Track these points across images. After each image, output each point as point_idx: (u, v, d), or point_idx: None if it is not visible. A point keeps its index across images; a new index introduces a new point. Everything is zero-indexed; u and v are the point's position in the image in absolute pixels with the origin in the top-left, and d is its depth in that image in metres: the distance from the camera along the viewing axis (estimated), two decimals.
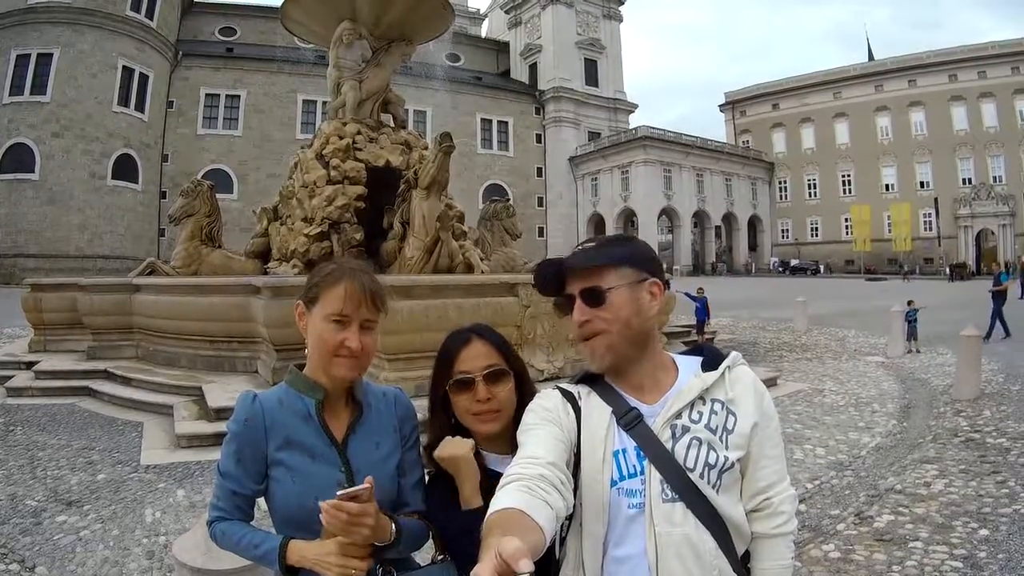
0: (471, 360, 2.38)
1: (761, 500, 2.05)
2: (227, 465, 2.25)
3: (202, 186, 16.86)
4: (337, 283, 2.28)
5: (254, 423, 2.25)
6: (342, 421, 2.38)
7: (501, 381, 2.38)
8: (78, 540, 5.99)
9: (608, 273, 2.09)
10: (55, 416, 10.73)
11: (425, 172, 14.54)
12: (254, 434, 2.25)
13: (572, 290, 2.11)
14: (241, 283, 12.81)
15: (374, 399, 2.48)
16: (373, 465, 2.31)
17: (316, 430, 2.30)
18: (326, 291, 2.28)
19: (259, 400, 2.30)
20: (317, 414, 2.31)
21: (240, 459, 2.25)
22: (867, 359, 18.03)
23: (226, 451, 2.27)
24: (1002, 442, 9.51)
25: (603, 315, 2.06)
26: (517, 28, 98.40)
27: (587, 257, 2.13)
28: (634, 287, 2.09)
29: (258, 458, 2.26)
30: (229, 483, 2.25)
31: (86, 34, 58.94)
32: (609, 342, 2.06)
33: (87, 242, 58.31)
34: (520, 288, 11.55)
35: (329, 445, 2.30)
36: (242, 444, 2.25)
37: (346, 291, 2.26)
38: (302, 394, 2.34)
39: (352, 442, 2.35)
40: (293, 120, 75.38)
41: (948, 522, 6.47)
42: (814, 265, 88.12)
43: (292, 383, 2.37)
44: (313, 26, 18.78)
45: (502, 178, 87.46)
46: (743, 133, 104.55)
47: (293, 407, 2.32)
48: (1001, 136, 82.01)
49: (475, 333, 2.46)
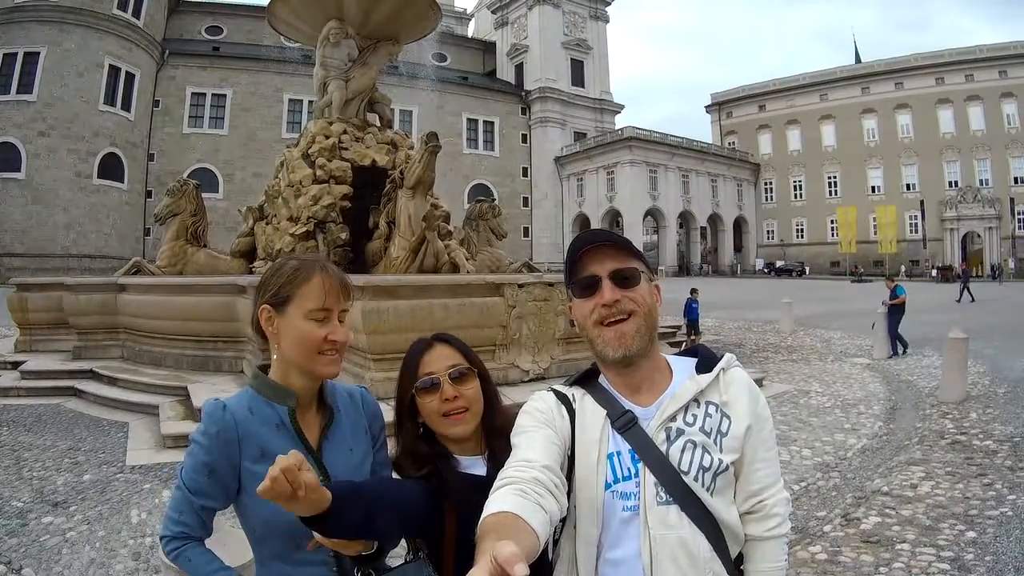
0: (435, 362, 2.40)
1: (755, 503, 2.05)
2: (196, 480, 2.15)
3: (188, 185, 16.85)
4: (310, 278, 2.23)
5: (226, 435, 2.17)
6: (314, 426, 2.34)
7: (466, 380, 2.39)
8: (64, 541, 5.96)
9: (632, 259, 2.10)
10: (41, 416, 10.70)
11: (411, 172, 14.54)
12: (226, 447, 2.16)
13: (597, 271, 2.07)
14: (227, 282, 12.80)
15: (342, 401, 2.44)
16: (349, 471, 2.29)
17: (290, 438, 2.24)
18: (300, 288, 2.22)
19: (229, 410, 2.21)
20: (291, 422, 2.26)
21: (211, 473, 2.16)
22: (853, 361, 18.09)
23: (193, 464, 2.17)
24: (988, 444, 9.55)
25: (634, 296, 2.06)
26: (504, 28, 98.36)
27: (617, 238, 2.13)
28: (647, 279, 2.11)
29: (231, 472, 2.18)
30: (198, 499, 2.16)
31: (73, 33, 58.71)
32: (638, 325, 2.05)
33: (73, 241, 58.07)
34: (506, 288, 11.54)
35: (305, 452, 2.18)
36: (214, 458, 2.15)
37: (323, 284, 2.22)
38: (271, 401, 2.27)
39: (327, 448, 2.32)
40: (279, 119, 75.34)
41: (935, 524, 6.50)
42: (799, 266, 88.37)
43: (259, 389, 2.30)
44: (300, 25, 18.73)
45: (488, 178, 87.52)
46: (729, 134, 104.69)
47: (263, 415, 2.25)
48: (988, 139, 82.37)
49: (436, 339, 2.49)
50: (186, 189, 16.63)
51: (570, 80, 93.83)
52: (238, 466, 2.18)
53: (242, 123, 73.30)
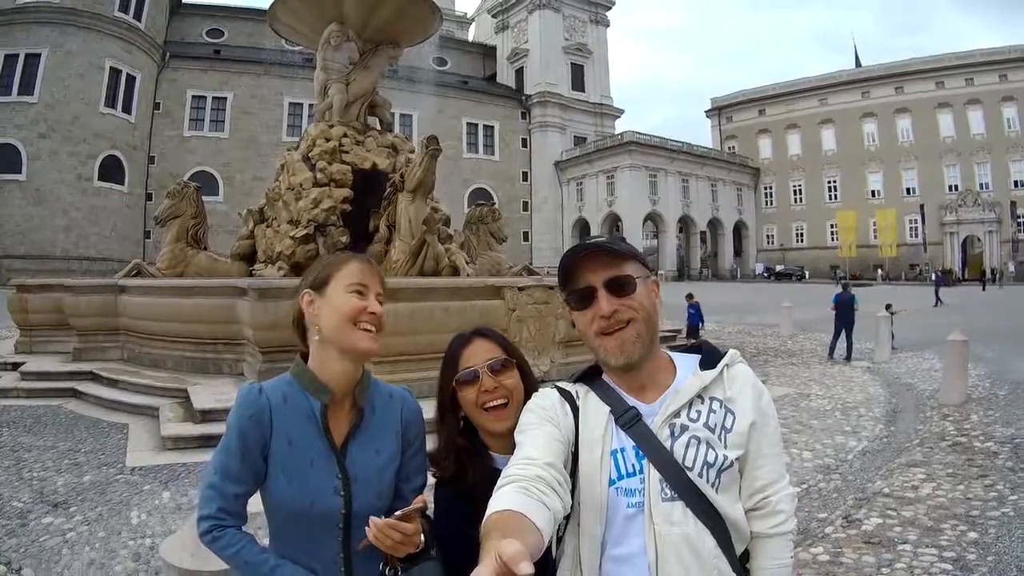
0: (474, 356, 2.43)
1: (759, 499, 2.04)
2: (229, 463, 2.16)
3: (188, 188, 16.79)
4: (348, 262, 2.35)
5: (261, 418, 2.19)
6: (343, 424, 2.33)
7: (506, 371, 2.42)
8: (64, 542, 5.95)
9: (627, 264, 2.09)
10: (41, 418, 10.67)
11: (411, 175, 14.56)
12: (260, 430, 2.18)
13: (592, 281, 2.07)
14: (227, 285, 12.74)
15: (379, 401, 2.44)
16: (372, 473, 2.29)
17: (318, 432, 2.25)
18: (339, 269, 2.32)
19: (264, 393, 2.24)
20: (321, 417, 2.26)
21: (244, 456, 2.16)
22: (853, 364, 18.10)
23: (228, 447, 2.18)
24: (990, 446, 9.56)
25: (631, 304, 2.05)
26: (504, 32, 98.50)
27: (609, 244, 2.12)
28: (644, 281, 2.10)
29: (260, 455, 2.19)
30: (231, 485, 2.15)
31: (74, 35, 58.81)
32: (639, 331, 2.05)
33: (73, 243, 58.10)
34: (506, 291, 11.57)
35: (329, 450, 2.24)
36: (248, 441, 2.17)
37: (360, 266, 2.33)
38: (308, 392, 2.28)
39: (352, 448, 2.30)
40: (279, 122, 75.44)
41: (937, 525, 6.50)
42: (799, 271, 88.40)
43: (299, 377, 2.31)
44: (301, 28, 18.74)
45: (487, 182, 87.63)
46: (729, 139, 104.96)
47: (297, 404, 2.26)
48: (988, 143, 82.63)
49: (476, 333, 2.52)
50: (186, 192, 16.58)
51: (570, 84, 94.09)
52: (268, 449, 2.20)
53: (243, 126, 73.37)
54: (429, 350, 8.12)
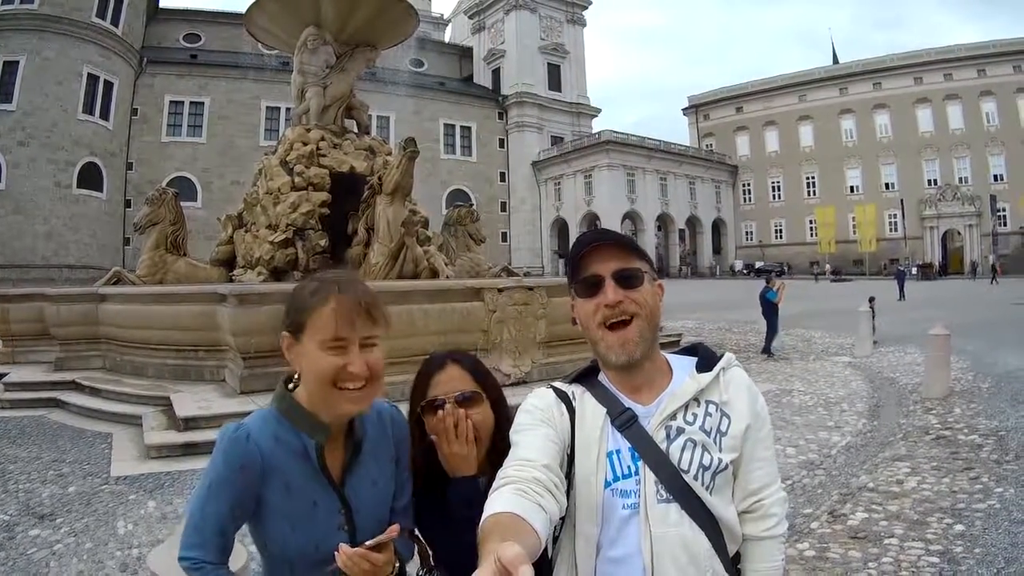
0: (444, 384, 2.38)
1: (753, 502, 2.05)
2: (216, 513, 2.00)
3: (167, 194, 16.73)
4: (324, 303, 2.02)
5: (251, 468, 2.02)
6: (338, 456, 2.19)
7: (474, 404, 2.35)
8: (52, 554, 5.93)
9: (636, 260, 2.09)
10: (24, 428, 10.64)
11: (389, 178, 14.59)
12: (250, 479, 2.02)
13: (600, 271, 2.05)
14: (207, 291, 12.72)
15: (370, 426, 2.29)
16: (372, 503, 2.22)
17: (314, 472, 2.11)
18: (313, 314, 2.03)
19: (253, 439, 2.05)
20: (318, 457, 2.11)
21: (233, 507, 2.02)
22: (835, 359, 18.17)
23: (213, 495, 2.01)
24: (974, 439, 9.60)
25: (636, 298, 2.04)
26: (481, 33, 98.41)
27: (622, 237, 2.13)
28: (651, 280, 2.10)
29: (251, 502, 2.05)
30: (214, 535, 2.01)
31: (52, 41, 58.45)
32: (641, 329, 2.05)
33: (53, 252, 57.79)
34: (486, 293, 11.62)
35: (328, 487, 2.12)
36: (237, 490, 2.01)
37: (336, 310, 2.01)
38: (300, 431, 2.10)
39: (350, 481, 2.18)
40: (257, 127, 75.28)
41: (923, 518, 6.54)
42: (779, 267, 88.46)
43: (288, 415, 2.12)
44: (277, 32, 18.76)
45: (465, 183, 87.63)
46: (707, 136, 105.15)
47: (289, 445, 2.10)
48: (967, 137, 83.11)
49: (451, 358, 2.47)
50: (165, 198, 16.51)
51: (547, 84, 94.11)
52: (259, 496, 2.06)
53: (220, 131, 73.04)
54: (406, 354, 8.10)
